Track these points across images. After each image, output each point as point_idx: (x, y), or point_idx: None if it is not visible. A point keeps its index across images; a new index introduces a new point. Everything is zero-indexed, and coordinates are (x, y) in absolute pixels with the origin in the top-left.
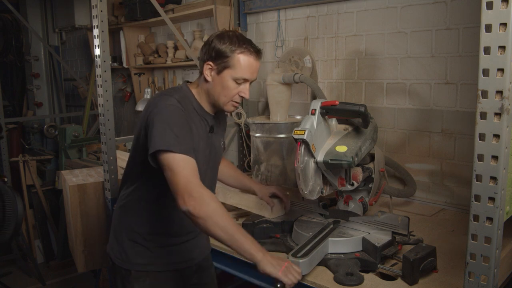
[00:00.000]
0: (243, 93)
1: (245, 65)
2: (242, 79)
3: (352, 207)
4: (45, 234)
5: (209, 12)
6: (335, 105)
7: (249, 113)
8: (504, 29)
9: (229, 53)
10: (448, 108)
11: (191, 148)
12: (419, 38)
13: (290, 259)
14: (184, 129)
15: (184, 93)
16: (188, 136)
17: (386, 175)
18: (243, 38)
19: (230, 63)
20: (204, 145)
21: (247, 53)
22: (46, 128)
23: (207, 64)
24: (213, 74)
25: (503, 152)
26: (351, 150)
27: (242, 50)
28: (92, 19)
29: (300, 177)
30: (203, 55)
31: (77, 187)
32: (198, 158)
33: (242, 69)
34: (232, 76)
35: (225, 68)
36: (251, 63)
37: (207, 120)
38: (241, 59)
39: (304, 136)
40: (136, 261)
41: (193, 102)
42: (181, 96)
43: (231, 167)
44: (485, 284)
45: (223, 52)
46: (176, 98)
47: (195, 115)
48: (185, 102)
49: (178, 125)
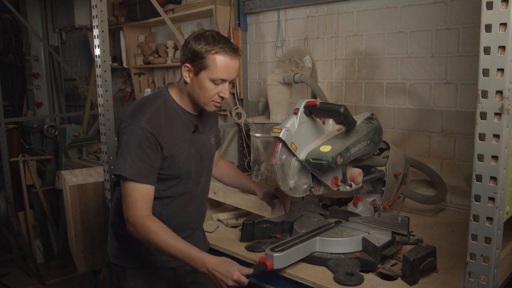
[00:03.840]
0: (222, 93)
1: (221, 65)
2: (220, 80)
3: (359, 209)
4: (45, 234)
5: (209, 12)
6: (315, 105)
7: (249, 113)
8: (504, 29)
9: (205, 53)
10: (448, 108)
11: (147, 173)
12: (419, 38)
13: (266, 252)
14: (144, 153)
15: (163, 99)
16: (147, 160)
17: (407, 178)
18: (219, 38)
19: (206, 64)
20: (189, 146)
21: (222, 53)
22: (46, 128)
23: (185, 66)
24: (191, 76)
25: (503, 152)
26: (333, 150)
27: (217, 50)
28: (92, 19)
29: (277, 174)
30: (182, 57)
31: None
32: (181, 160)
33: (218, 69)
34: (208, 77)
35: (201, 70)
36: (227, 63)
37: (190, 121)
38: (217, 59)
39: (280, 135)
40: (130, 258)
41: (173, 105)
42: (158, 106)
43: (231, 168)
44: (485, 284)
45: (198, 53)
46: (148, 116)
47: (177, 117)
48: (163, 109)
49: (137, 150)
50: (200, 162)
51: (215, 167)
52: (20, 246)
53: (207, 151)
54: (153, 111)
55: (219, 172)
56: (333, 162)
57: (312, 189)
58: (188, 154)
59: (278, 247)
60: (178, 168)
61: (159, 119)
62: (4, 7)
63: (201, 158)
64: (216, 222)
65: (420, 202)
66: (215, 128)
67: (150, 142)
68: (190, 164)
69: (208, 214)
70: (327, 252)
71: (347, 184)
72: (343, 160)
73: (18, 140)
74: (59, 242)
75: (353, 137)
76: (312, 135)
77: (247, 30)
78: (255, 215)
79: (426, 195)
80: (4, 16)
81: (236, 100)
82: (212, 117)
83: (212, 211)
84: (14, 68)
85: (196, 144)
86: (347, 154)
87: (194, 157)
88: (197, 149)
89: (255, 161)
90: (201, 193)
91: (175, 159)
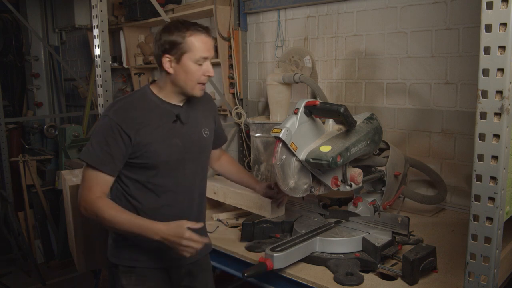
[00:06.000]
0: (207, 72)
1: (200, 44)
2: (202, 58)
3: (359, 209)
4: (45, 234)
5: (209, 12)
6: (315, 105)
7: (249, 113)
8: (504, 29)
9: (181, 39)
10: (448, 108)
11: (106, 161)
12: (419, 38)
13: (266, 252)
14: (106, 142)
15: (141, 93)
16: (106, 149)
17: (407, 178)
18: (188, 22)
19: (186, 47)
20: (168, 136)
21: (197, 33)
22: (46, 128)
23: (165, 57)
24: (173, 65)
25: (503, 152)
26: (333, 150)
27: (191, 32)
28: (92, 19)
29: (277, 174)
30: (157, 51)
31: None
32: (157, 149)
33: (198, 49)
34: (191, 59)
35: (182, 54)
36: (204, 40)
37: (171, 111)
38: (194, 40)
39: (280, 135)
40: (123, 255)
41: (151, 97)
42: (132, 99)
43: (233, 163)
44: (485, 284)
45: (174, 41)
46: (118, 106)
47: (154, 108)
48: (138, 101)
49: (100, 138)
50: (182, 152)
51: (218, 161)
52: (20, 246)
53: (194, 143)
54: (124, 103)
55: (221, 167)
56: (333, 162)
57: (312, 189)
58: (167, 143)
59: (278, 247)
60: (154, 156)
61: (128, 109)
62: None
63: (186, 149)
64: (216, 222)
65: (420, 202)
66: (209, 121)
67: (113, 131)
68: (168, 153)
69: (208, 214)
70: (327, 252)
71: (347, 184)
72: (343, 160)
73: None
74: (59, 242)
75: (353, 137)
76: (312, 135)
77: (247, 30)
78: (255, 215)
79: (426, 195)
80: (4, 16)
81: (236, 100)
82: (207, 110)
83: (212, 211)
84: (14, 68)
85: (179, 134)
86: (347, 154)
87: (175, 146)
88: (180, 139)
89: (255, 161)
90: (190, 188)
91: (151, 147)
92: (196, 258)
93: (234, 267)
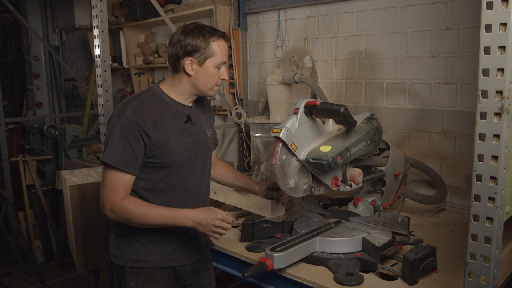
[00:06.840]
0: (223, 75)
1: (221, 50)
2: (222, 63)
3: (359, 209)
4: (45, 234)
5: (209, 12)
6: (316, 105)
7: (249, 113)
8: (504, 29)
9: (206, 44)
10: (448, 108)
11: (129, 161)
12: (419, 38)
13: (266, 252)
14: (127, 141)
15: (152, 92)
16: (129, 149)
17: (407, 178)
18: (209, 27)
19: (210, 52)
20: (181, 135)
21: (220, 39)
22: (46, 128)
23: (187, 60)
24: (194, 67)
25: (503, 152)
26: (334, 150)
27: (215, 38)
28: (92, 19)
29: (277, 174)
30: (178, 52)
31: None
32: (173, 148)
33: (219, 54)
34: (213, 63)
35: (206, 59)
36: (224, 46)
37: (182, 111)
38: (217, 45)
39: (280, 135)
40: (130, 257)
41: (163, 97)
42: (145, 97)
43: (229, 168)
44: (485, 284)
45: (199, 45)
46: (134, 106)
47: (168, 107)
48: (152, 100)
49: (120, 138)
50: (193, 151)
51: (213, 168)
52: (20, 246)
53: (202, 142)
54: (139, 102)
55: (218, 174)
56: (333, 162)
57: (312, 189)
58: (180, 143)
59: (278, 247)
60: (170, 156)
61: (145, 109)
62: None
63: (195, 148)
64: None
65: (420, 202)
66: (210, 122)
67: (133, 131)
68: (182, 152)
69: None
70: (327, 252)
71: (347, 184)
72: (343, 160)
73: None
74: (59, 242)
75: (353, 137)
76: (312, 135)
77: (247, 30)
78: (255, 215)
79: (426, 195)
80: (4, 16)
81: (236, 100)
82: (207, 111)
83: None
84: (14, 68)
85: (189, 134)
86: (347, 154)
87: (187, 146)
88: (191, 139)
89: (255, 161)
90: (199, 187)
91: (167, 147)
92: (201, 255)
93: (234, 267)
